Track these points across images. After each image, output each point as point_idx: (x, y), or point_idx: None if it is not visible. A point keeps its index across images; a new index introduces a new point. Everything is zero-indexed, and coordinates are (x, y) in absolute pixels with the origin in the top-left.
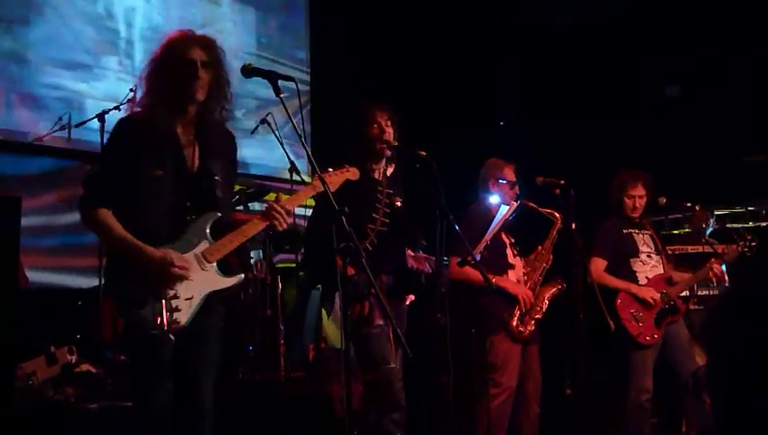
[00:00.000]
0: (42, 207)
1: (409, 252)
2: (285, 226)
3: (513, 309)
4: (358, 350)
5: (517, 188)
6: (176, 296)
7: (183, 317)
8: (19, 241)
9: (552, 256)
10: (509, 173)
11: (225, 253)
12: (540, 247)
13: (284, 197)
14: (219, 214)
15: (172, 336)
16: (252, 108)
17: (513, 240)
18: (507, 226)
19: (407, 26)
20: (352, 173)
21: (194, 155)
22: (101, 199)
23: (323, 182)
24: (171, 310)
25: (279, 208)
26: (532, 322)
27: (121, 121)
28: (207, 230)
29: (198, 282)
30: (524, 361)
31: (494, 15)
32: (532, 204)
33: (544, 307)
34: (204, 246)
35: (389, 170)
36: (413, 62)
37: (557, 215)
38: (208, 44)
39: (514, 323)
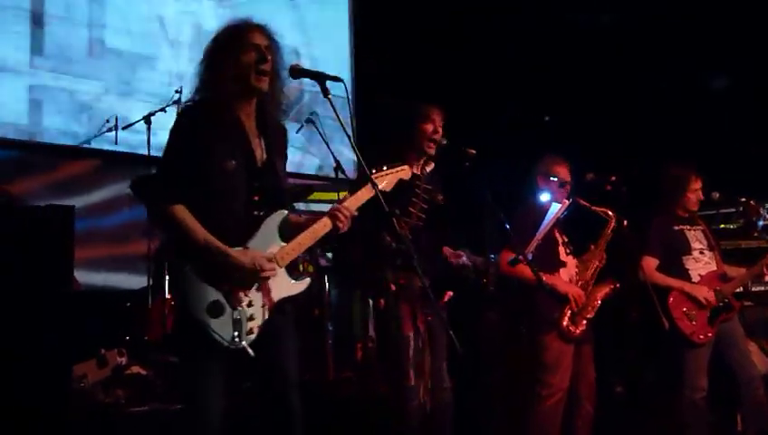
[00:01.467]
0: (90, 209)
1: (447, 249)
2: (347, 227)
3: (564, 308)
4: (386, 351)
5: (568, 187)
6: (251, 304)
7: (257, 326)
8: (74, 250)
9: (605, 256)
10: (561, 171)
11: (296, 256)
12: (592, 246)
13: (347, 198)
14: (286, 212)
15: (251, 351)
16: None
17: (565, 238)
18: (560, 224)
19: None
20: (405, 172)
21: (260, 147)
22: (175, 194)
23: (374, 185)
24: (247, 318)
25: (344, 210)
26: (584, 322)
27: (186, 110)
28: (277, 230)
29: (273, 287)
30: (577, 361)
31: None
32: (584, 202)
33: (596, 307)
34: (275, 247)
35: (428, 168)
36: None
37: (610, 213)
38: (267, 31)
39: (565, 323)
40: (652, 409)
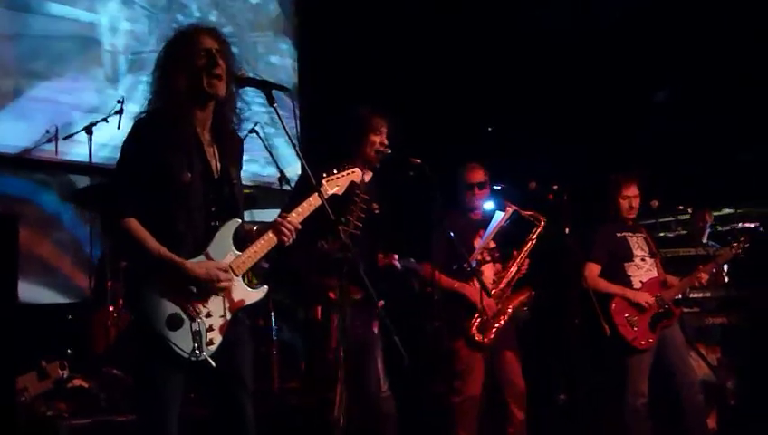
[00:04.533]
0: (30, 221)
1: (380, 255)
2: (291, 241)
3: (473, 317)
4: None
5: (487, 188)
6: (209, 315)
7: (217, 337)
8: (18, 259)
9: (528, 262)
10: (474, 175)
11: (251, 265)
12: (515, 252)
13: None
14: (240, 221)
15: (213, 362)
16: None
17: (492, 245)
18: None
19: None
20: (356, 174)
21: (215, 157)
22: (128, 208)
23: (320, 194)
24: (207, 329)
25: (288, 224)
26: (493, 330)
27: (140, 122)
28: (231, 240)
29: (231, 297)
30: (500, 368)
31: (482, 19)
32: (514, 206)
33: (507, 316)
34: (230, 257)
35: (366, 177)
36: (397, 67)
37: (541, 218)
38: (217, 34)
39: (473, 331)
40: (595, 415)
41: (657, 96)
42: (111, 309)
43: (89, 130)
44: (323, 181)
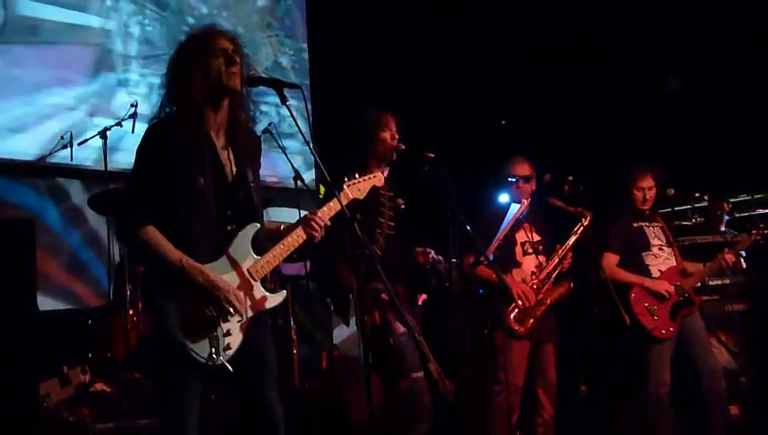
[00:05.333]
0: (48, 228)
1: (417, 248)
2: (320, 238)
3: (511, 307)
4: (384, 360)
5: (533, 182)
6: (227, 319)
7: (235, 341)
8: (35, 264)
9: (570, 256)
10: (520, 168)
11: (271, 269)
12: (557, 246)
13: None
14: (259, 225)
15: (230, 366)
16: None
17: (534, 237)
18: (534, 223)
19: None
20: (378, 179)
21: (230, 161)
22: (145, 216)
23: (337, 194)
24: (224, 334)
25: (318, 219)
26: (530, 320)
27: (152, 128)
28: (250, 244)
29: (248, 302)
30: (536, 360)
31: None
32: (558, 201)
33: (545, 307)
34: (249, 262)
35: (385, 173)
36: (412, 63)
37: (586, 214)
38: (231, 36)
39: (510, 321)
40: (616, 406)
41: (669, 84)
42: (131, 313)
43: (103, 134)
44: (345, 186)
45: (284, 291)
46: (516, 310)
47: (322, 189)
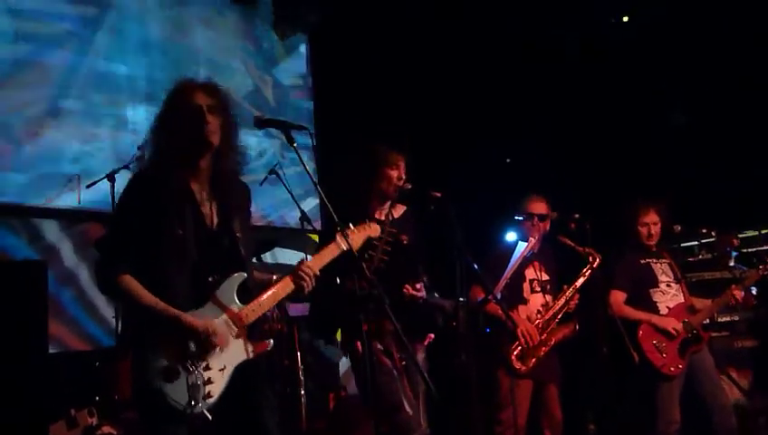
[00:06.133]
0: (56, 268)
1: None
2: (311, 288)
3: (514, 345)
4: (367, 394)
5: (548, 222)
6: (208, 367)
7: (216, 389)
8: (47, 305)
9: (577, 297)
10: (534, 206)
11: (258, 316)
12: (565, 286)
13: (310, 259)
14: (245, 274)
15: (209, 414)
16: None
17: (543, 276)
18: (544, 261)
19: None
20: (374, 230)
21: (212, 212)
22: (123, 263)
23: (347, 241)
24: (204, 382)
25: (307, 271)
26: (533, 359)
27: (134, 179)
28: (235, 293)
29: (230, 350)
30: (540, 400)
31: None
32: (568, 241)
33: (549, 348)
34: (233, 310)
35: (396, 212)
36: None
37: (596, 256)
38: (212, 89)
39: (513, 359)
40: None
41: (675, 119)
42: None
43: (111, 177)
44: (337, 237)
45: (270, 340)
46: (519, 348)
47: (315, 238)
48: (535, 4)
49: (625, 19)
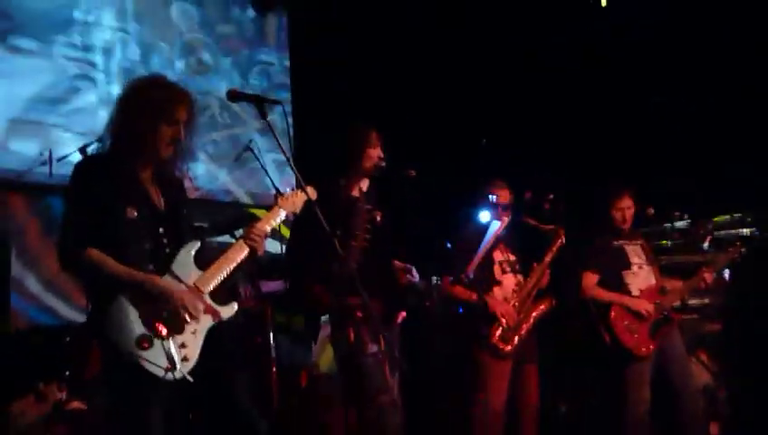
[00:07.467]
0: (26, 243)
1: (397, 263)
2: (263, 249)
3: (494, 326)
4: (351, 381)
5: (509, 210)
6: (180, 332)
7: (192, 353)
8: (9, 286)
9: (548, 273)
10: (500, 193)
11: (218, 281)
12: (535, 264)
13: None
14: (199, 242)
15: (190, 377)
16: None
17: (510, 257)
18: (508, 242)
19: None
20: (310, 192)
21: (157, 195)
22: (86, 239)
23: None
24: (179, 347)
25: (258, 232)
26: (516, 339)
27: (85, 162)
28: (192, 260)
29: (199, 315)
30: (518, 381)
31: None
32: (532, 220)
33: (530, 325)
34: (194, 276)
35: (364, 186)
36: (397, 79)
37: (560, 231)
38: (191, 104)
39: (495, 340)
40: (596, 425)
41: (655, 101)
42: None
43: (83, 151)
44: (278, 200)
45: (235, 304)
46: (500, 329)
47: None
48: None
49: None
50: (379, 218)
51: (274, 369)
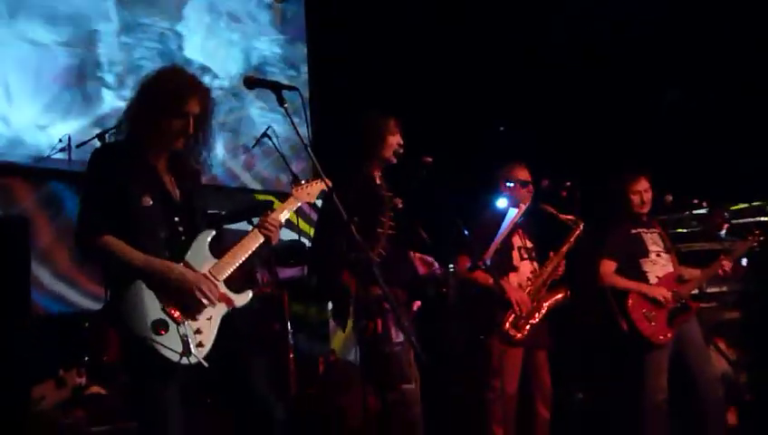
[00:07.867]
0: (46, 230)
1: (416, 255)
2: (277, 238)
3: (507, 313)
4: (376, 368)
5: (530, 187)
6: (195, 318)
7: (207, 339)
8: (30, 263)
9: (564, 263)
10: (519, 173)
11: (232, 269)
12: (551, 253)
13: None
14: (215, 231)
15: (205, 362)
16: None
17: (527, 243)
18: (526, 229)
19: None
20: (326, 182)
21: (172, 184)
22: (103, 226)
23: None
24: (194, 332)
25: (271, 220)
26: (527, 326)
27: (101, 150)
28: (207, 248)
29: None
30: (530, 367)
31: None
32: (551, 208)
33: (542, 313)
34: (209, 264)
35: (378, 175)
36: (412, 65)
37: (579, 222)
38: (205, 96)
39: (507, 327)
40: (613, 413)
41: (669, 95)
42: None
43: (101, 137)
44: (294, 191)
45: (250, 292)
46: (513, 316)
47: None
48: None
49: None
50: (400, 205)
51: (291, 355)
